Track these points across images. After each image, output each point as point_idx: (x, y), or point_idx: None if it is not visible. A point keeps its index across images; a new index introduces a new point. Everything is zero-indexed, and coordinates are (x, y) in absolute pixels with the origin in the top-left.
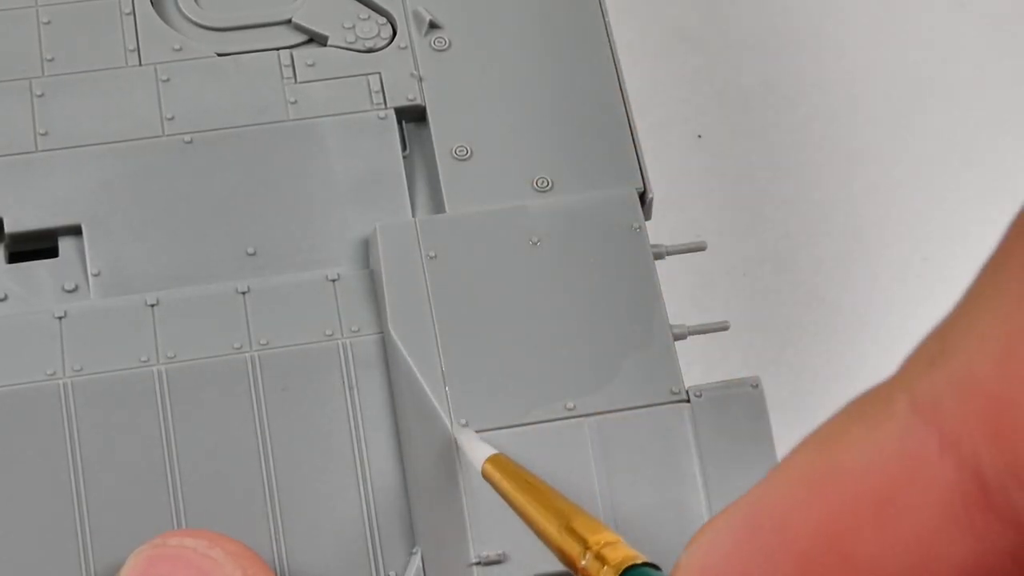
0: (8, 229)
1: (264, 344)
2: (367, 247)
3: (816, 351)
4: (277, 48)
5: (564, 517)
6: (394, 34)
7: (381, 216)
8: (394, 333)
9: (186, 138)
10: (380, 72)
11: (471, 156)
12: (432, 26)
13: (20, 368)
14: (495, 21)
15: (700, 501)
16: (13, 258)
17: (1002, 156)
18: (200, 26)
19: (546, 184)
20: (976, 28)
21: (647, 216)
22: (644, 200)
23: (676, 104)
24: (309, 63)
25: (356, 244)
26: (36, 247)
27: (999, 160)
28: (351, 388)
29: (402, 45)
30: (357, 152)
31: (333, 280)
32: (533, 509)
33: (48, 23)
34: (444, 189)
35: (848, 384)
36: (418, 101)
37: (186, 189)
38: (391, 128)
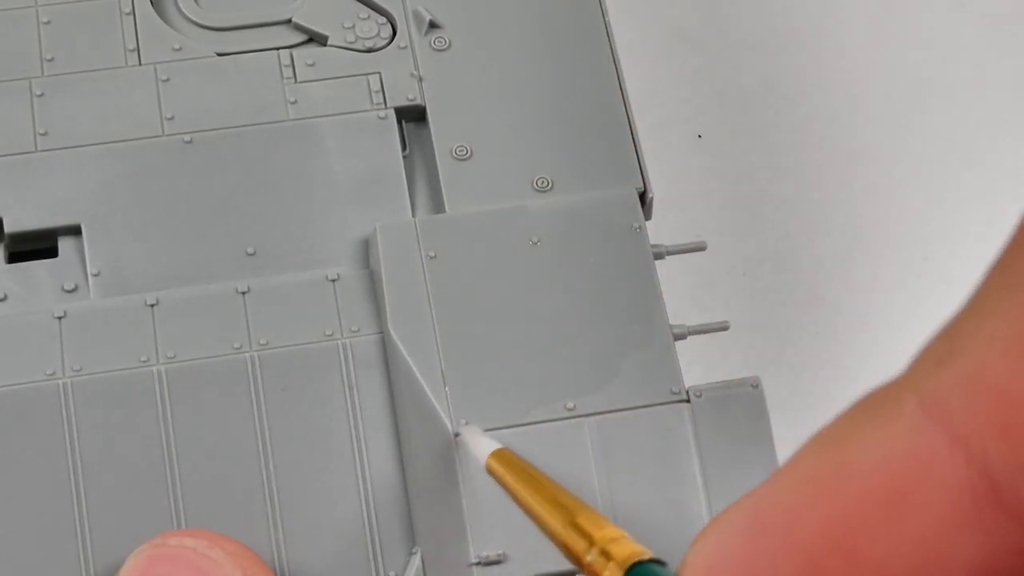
0: (8, 229)
1: (264, 344)
2: (367, 247)
3: (816, 351)
4: (277, 48)
5: (569, 512)
6: (394, 34)
7: (381, 216)
8: (394, 333)
9: (186, 138)
10: (380, 72)
11: (471, 156)
12: (432, 26)
13: (20, 368)
14: (495, 21)
15: (700, 501)
16: (13, 258)
17: (1002, 156)
18: (200, 26)
19: (546, 184)
20: (976, 28)
21: (647, 216)
22: (644, 200)
23: (676, 104)
24: (309, 63)
25: (356, 244)
26: (36, 247)
27: (999, 160)
28: (351, 388)
29: (402, 45)
30: (357, 152)
31: (333, 280)
32: (538, 504)
33: (48, 23)
34: (444, 189)
35: (848, 384)
36: (418, 101)
37: (186, 189)
38: (391, 128)
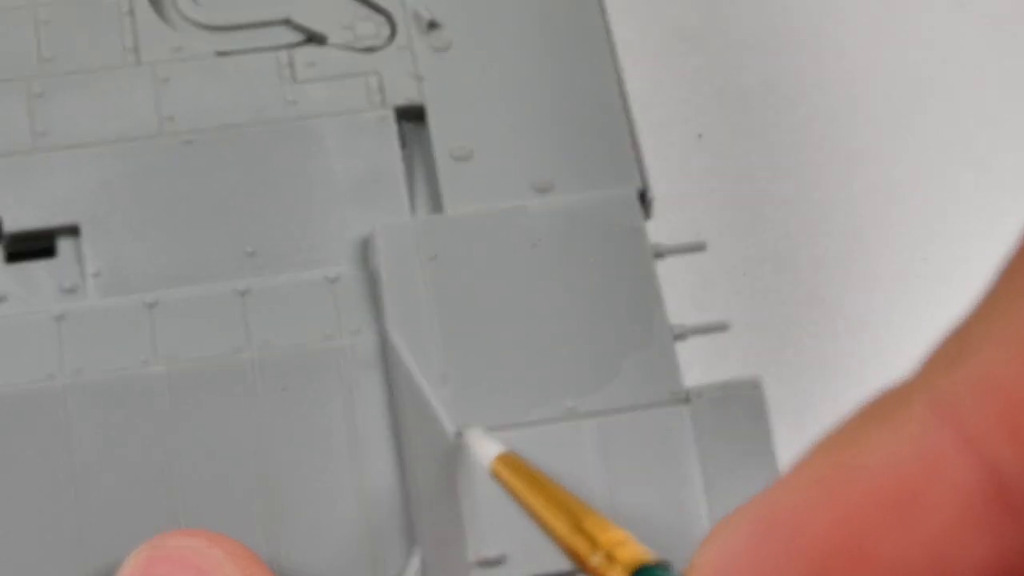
0: (6, 229)
1: (263, 344)
2: (367, 247)
3: (816, 351)
4: (276, 48)
5: (575, 517)
6: (393, 34)
7: (380, 216)
8: (393, 333)
9: (185, 138)
10: (379, 72)
11: (471, 156)
12: (432, 26)
13: (18, 369)
14: (495, 21)
15: (700, 501)
16: (11, 258)
17: (1002, 156)
18: (199, 25)
19: (546, 184)
20: (976, 28)
21: (647, 216)
22: (644, 200)
23: (676, 104)
24: (308, 63)
25: (356, 244)
26: (34, 247)
27: (999, 160)
28: (350, 389)
29: (401, 45)
30: (356, 152)
31: (333, 280)
32: (543, 508)
33: (46, 22)
34: (444, 189)
35: (848, 384)
36: (418, 101)
37: (185, 189)
38: (390, 128)
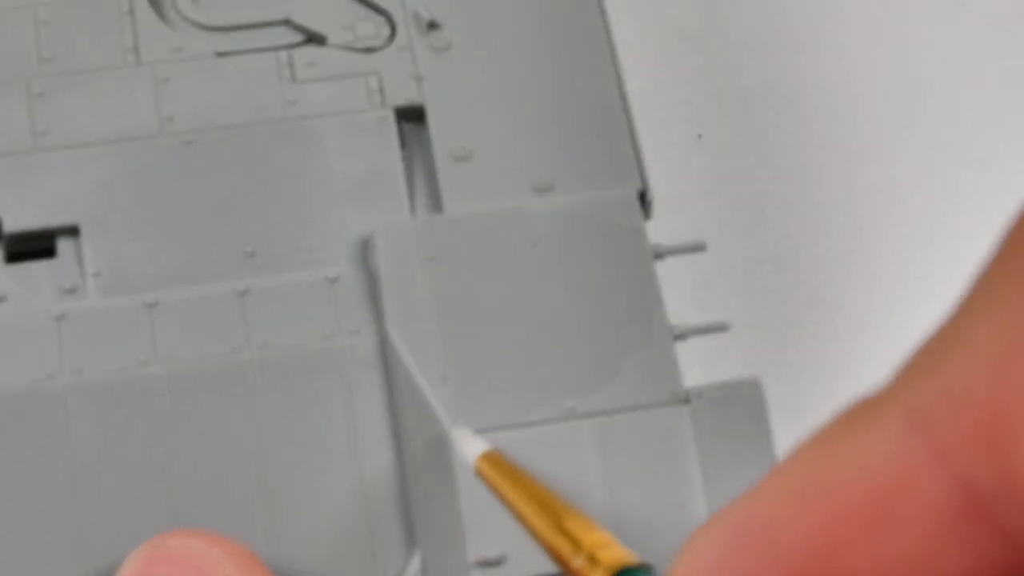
0: (6, 229)
1: (263, 345)
2: (366, 247)
3: (816, 351)
4: (276, 48)
5: (557, 516)
6: (393, 34)
7: (380, 216)
8: (393, 333)
9: (185, 138)
10: (379, 72)
11: (471, 156)
12: (432, 26)
13: (19, 369)
14: (495, 21)
15: (699, 502)
16: (11, 258)
17: (1002, 156)
18: (199, 26)
19: (546, 184)
20: (976, 28)
21: (647, 216)
22: (644, 200)
23: (676, 104)
24: (308, 63)
25: (355, 244)
26: (34, 247)
27: (999, 160)
28: (350, 389)
29: (401, 45)
30: (356, 152)
31: (332, 280)
32: (526, 507)
33: (47, 22)
34: (443, 189)
35: (848, 384)
36: (417, 101)
37: (185, 189)
38: (390, 128)
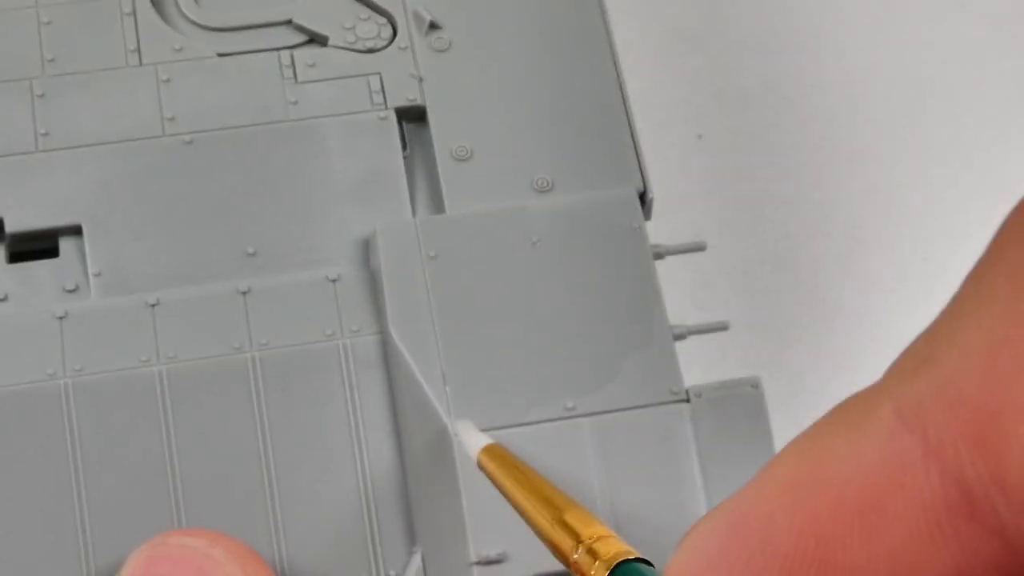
0: (8, 229)
1: (264, 344)
2: (367, 247)
3: (816, 351)
4: (277, 48)
5: (557, 510)
6: (394, 34)
7: (381, 216)
8: (394, 333)
9: (186, 138)
10: (380, 72)
11: (471, 156)
12: (432, 26)
13: (20, 368)
14: (495, 21)
15: (700, 501)
16: (14, 258)
17: (1002, 156)
18: (200, 26)
19: (546, 184)
20: (976, 28)
21: (647, 216)
22: (644, 200)
23: (676, 104)
24: (309, 63)
25: (356, 244)
26: (37, 247)
27: (999, 160)
28: (351, 388)
29: (402, 45)
30: (357, 152)
31: (333, 280)
32: (526, 501)
33: (49, 23)
34: (444, 189)
35: (847, 384)
36: (418, 101)
37: (186, 189)
38: (391, 128)
